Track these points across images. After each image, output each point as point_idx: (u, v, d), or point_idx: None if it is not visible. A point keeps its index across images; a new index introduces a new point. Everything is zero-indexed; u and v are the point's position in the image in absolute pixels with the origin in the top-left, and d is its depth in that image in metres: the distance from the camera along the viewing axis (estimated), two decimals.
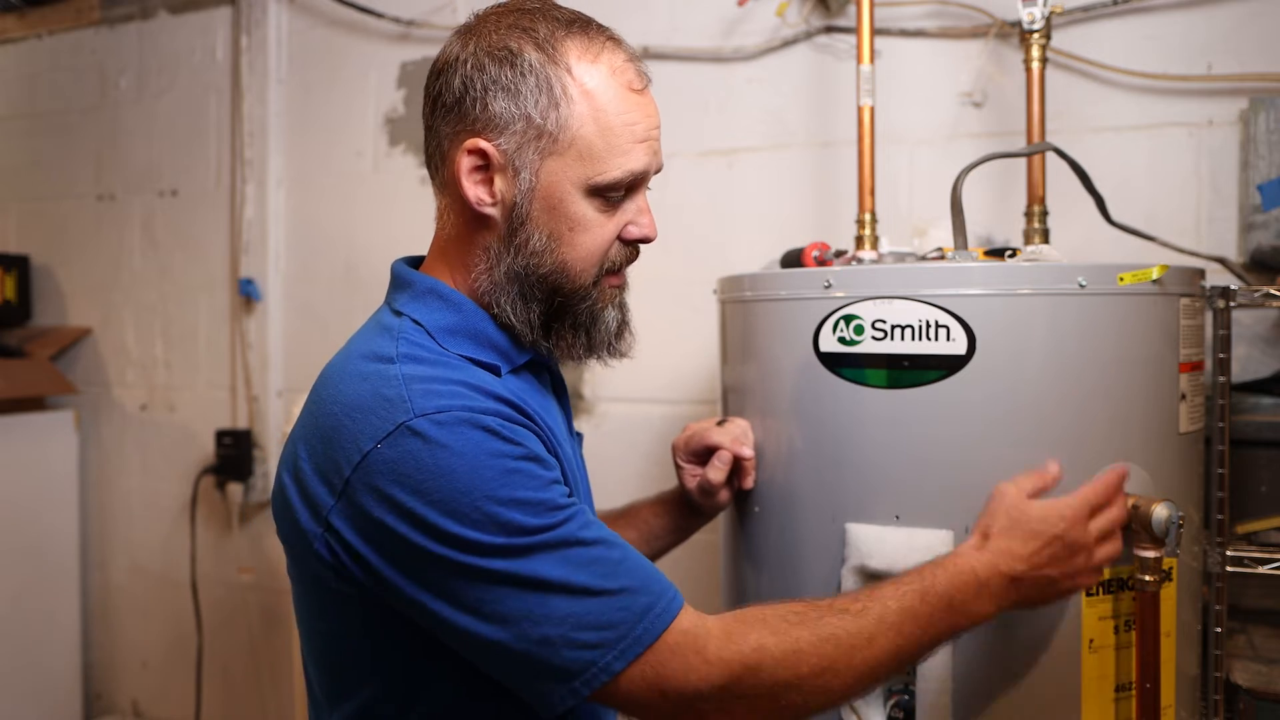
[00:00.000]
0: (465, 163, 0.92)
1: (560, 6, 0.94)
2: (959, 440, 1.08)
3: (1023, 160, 1.50)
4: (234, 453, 2.35)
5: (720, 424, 1.23)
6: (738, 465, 1.21)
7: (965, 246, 1.19)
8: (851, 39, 1.79)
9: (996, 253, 1.28)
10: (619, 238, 0.96)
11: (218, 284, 2.44)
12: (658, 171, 0.97)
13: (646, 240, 0.98)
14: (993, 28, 1.72)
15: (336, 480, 0.84)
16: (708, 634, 0.84)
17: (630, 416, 1.99)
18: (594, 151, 0.91)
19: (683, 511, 1.27)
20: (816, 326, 1.14)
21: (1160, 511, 1.03)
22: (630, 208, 0.96)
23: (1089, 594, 1.08)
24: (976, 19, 1.74)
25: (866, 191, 1.47)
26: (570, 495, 0.88)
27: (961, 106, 1.77)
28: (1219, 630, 1.26)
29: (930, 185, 1.78)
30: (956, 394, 1.08)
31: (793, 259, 1.43)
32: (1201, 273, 1.22)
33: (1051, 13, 1.41)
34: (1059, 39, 1.63)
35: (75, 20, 2.60)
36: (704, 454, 1.22)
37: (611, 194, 0.93)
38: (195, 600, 2.43)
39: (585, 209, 0.92)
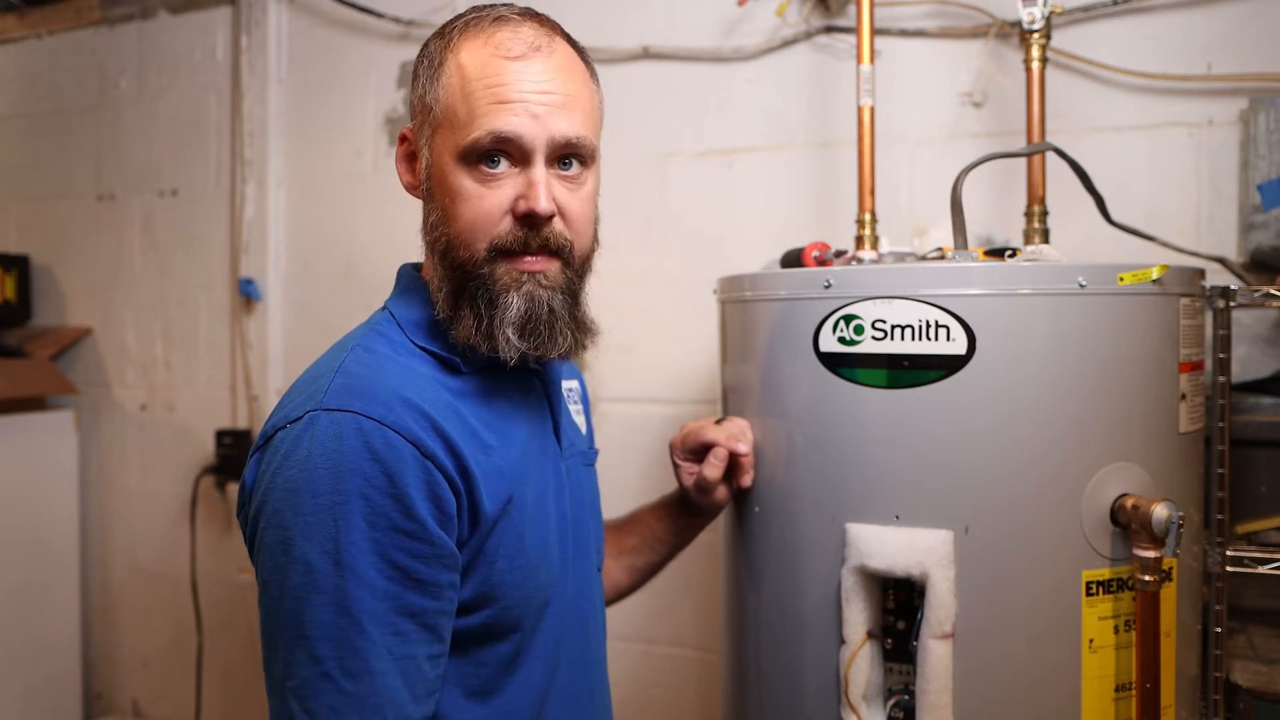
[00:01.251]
0: (399, 150, 1.01)
1: (508, 5, 0.98)
2: (959, 440, 1.08)
3: (1023, 160, 1.49)
4: (234, 453, 2.35)
5: (718, 422, 1.23)
6: (735, 463, 1.21)
7: (965, 246, 1.19)
8: (851, 39, 1.79)
9: (996, 253, 1.28)
10: (512, 213, 0.91)
11: (218, 284, 2.44)
12: (561, 146, 0.92)
13: (532, 214, 0.90)
14: (993, 28, 1.72)
15: (253, 453, 0.89)
16: None
17: (630, 416, 1.99)
18: (458, 117, 0.92)
19: (683, 513, 1.27)
20: (816, 326, 1.14)
21: (1160, 511, 1.03)
22: (519, 180, 0.91)
23: (1089, 594, 1.08)
24: (976, 19, 1.74)
25: (866, 191, 1.47)
26: (486, 551, 0.89)
27: (961, 106, 1.77)
28: (1219, 630, 1.26)
29: (930, 185, 1.78)
30: (956, 394, 1.08)
31: (793, 259, 1.43)
32: (1201, 273, 1.22)
33: (1051, 13, 1.41)
34: (1059, 39, 1.63)
35: (75, 20, 2.60)
36: (700, 451, 1.22)
37: (482, 160, 0.91)
38: (195, 600, 2.43)
39: (462, 179, 0.92)
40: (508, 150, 0.91)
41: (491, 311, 0.92)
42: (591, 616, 1.08)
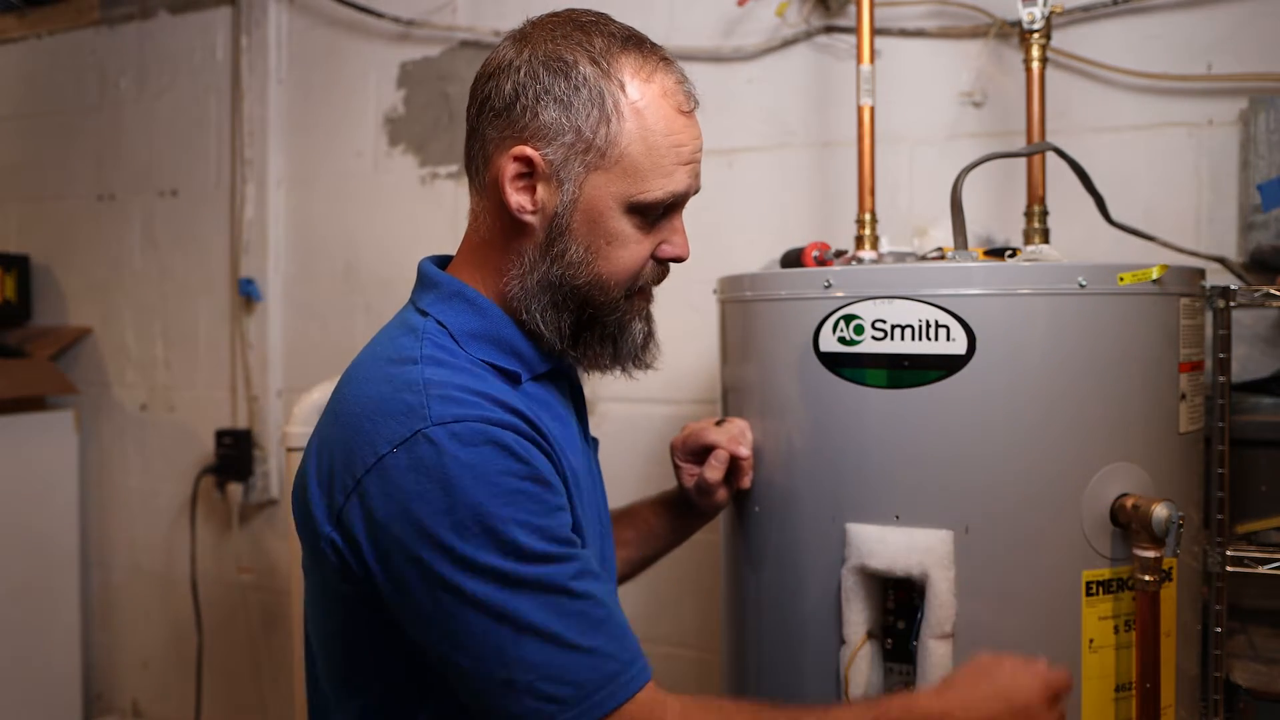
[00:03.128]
0: (510, 169, 0.92)
1: (614, 21, 0.96)
2: (959, 440, 1.08)
3: (1023, 160, 1.50)
4: (234, 453, 2.34)
5: (718, 424, 1.23)
6: (735, 465, 1.21)
7: (965, 246, 1.19)
8: (851, 39, 1.79)
9: (996, 253, 1.28)
10: (653, 256, 0.97)
11: (218, 284, 2.44)
12: (695, 193, 0.98)
13: (679, 260, 0.99)
14: (993, 27, 1.72)
15: (349, 480, 0.85)
16: (665, 711, 0.85)
17: (630, 416, 1.98)
18: (639, 170, 0.91)
19: (682, 511, 1.27)
20: (816, 326, 1.14)
21: (1160, 511, 1.03)
22: (666, 227, 0.97)
23: (1089, 594, 1.08)
24: (976, 19, 1.74)
25: (866, 191, 1.47)
26: (574, 527, 0.88)
27: (961, 106, 1.77)
28: (1219, 630, 1.26)
29: (930, 185, 1.78)
30: (956, 394, 1.08)
31: (793, 259, 1.43)
32: (1201, 273, 1.22)
33: (1051, 12, 1.41)
34: (1059, 39, 1.63)
35: (75, 20, 2.60)
36: (701, 453, 1.22)
37: (650, 213, 0.94)
38: (195, 600, 2.43)
39: (624, 225, 0.93)
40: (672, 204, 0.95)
41: (622, 340, 0.98)
42: None
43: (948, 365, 1.08)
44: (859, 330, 1.12)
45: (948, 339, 1.08)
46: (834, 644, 1.14)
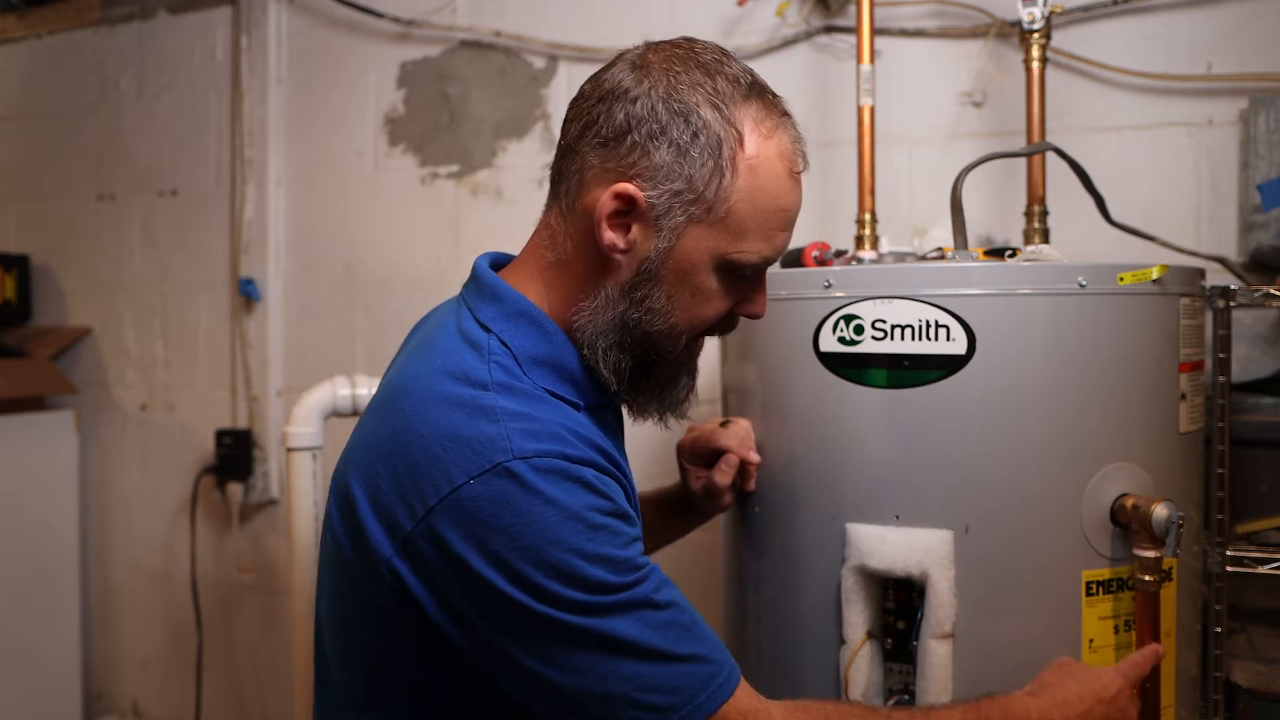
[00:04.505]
0: (610, 205, 0.87)
1: (734, 61, 0.90)
2: (959, 440, 1.08)
3: (1023, 160, 1.50)
4: (234, 453, 2.34)
5: (724, 424, 1.23)
6: (742, 468, 1.21)
7: (965, 246, 1.19)
8: (851, 39, 1.79)
9: (996, 253, 1.28)
10: (729, 311, 0.95)
11: (218, 284, 2.44)
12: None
13: (755, 318, 0.98)
14: (993, 27, 1.72)
15: (419, 506, 0.82)
16: (769, 714, 0.86)
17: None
18: (741, 229, 0.88)
19: (680, 510, 1.27)
20: (816, 326, 1.14)
21: (1160, 511, 1.03)
22: (749, 284, 0.95)
23: (1089, 594, 1.08)
24: (976, 19, 1.74)
25: (866, 191, 1.47)
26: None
27: (961, 106, 1.77)
28: (1219, 630, 1.26)
29: (930, 185, 1.78)
30: (956, 394, 1.08)
31: (793, 259, 1.43)
32: (1201, 273, 1.22)
33: (1051, 12, 1.41)
34: (1059, 39, 1.63)
35: (75, 20, 2.60)
36: (710, 456, 1.21)
37: (740, 272, 0.92)
38: (195, 600, 2.42)
39: (711, 281, 0.91)
40: None
41: (670, 391, 0.98)
42: None
43: (948, 365, 1.08)
44: (859, 330, 1.12)
45: (948, 339, 1.08)
46: (834, 644, 1.14)
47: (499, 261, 1.00)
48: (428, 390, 0.86)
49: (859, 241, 1.45)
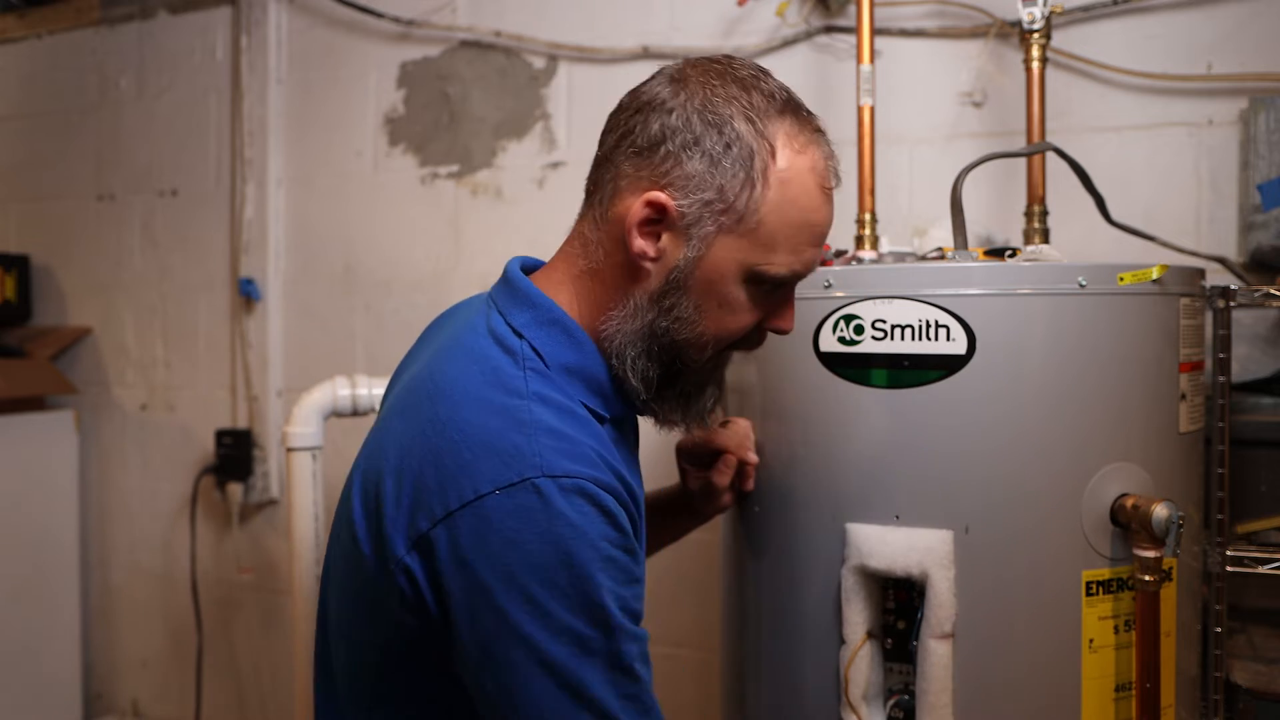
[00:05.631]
0: (641, 213, 0.88)
1: (771, 78, 0.92)
2: (959, 440, 1.08)
3: (1023, 160, 1.49)
4: (234, 453, 2.34)
5: (723, 424, 1.23)
6: (741, 469, 1.21)
7: (965, 246, 1.19)
8: (851, 39, 1.79)
9: (996, 253, 1.28)
10: (757, 325, 0.95)
11: (218, 284, 2.44)
12: (813, 271, 0.96)
13: (783, 333, 0.97)
14: (993, 27, 1.72)
15: (439, 509, 0.82)
16: None
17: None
18: (771, 241, 0.89)
19: (679, 511, 1.26)
20: (816, 326, 1.14)
21: (1160, 511, 1.03)
22: (777, 298, 0.95)
23: (1089, 594, 1.08)
24: (976, 19, 1.74)
25: (866, 191, 1.47)
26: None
27: (961, 106, 1.77)
28: (1219, 630, 1.26)
29: (930, 185, 1.78)
30: (956, 394, 1.08)
31: None
32: (1201, 273, 1.22)
33: (1051, 12, 1.41)
34: (1059, 39, 1.63)
35: (75, 20, 2.60)
36: (708, 457, 1.21)
37: (768, 284, 0.92)
38: (195, 600, 2.43)
39: (739, 292, 0.91)
40: None
41: (695, 401, 0.98)
42: None
43: (948, 365, 1.08)
44: (859, 330, 1.12)
45: (948, 339, 1.08)
46: (834, 644, 1.14)
47: (530, 266, 1.01)
48: (463, 393, 0.87)
49: (859, 241, 1.45)
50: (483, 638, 0.82)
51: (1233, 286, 1.26)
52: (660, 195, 0.87)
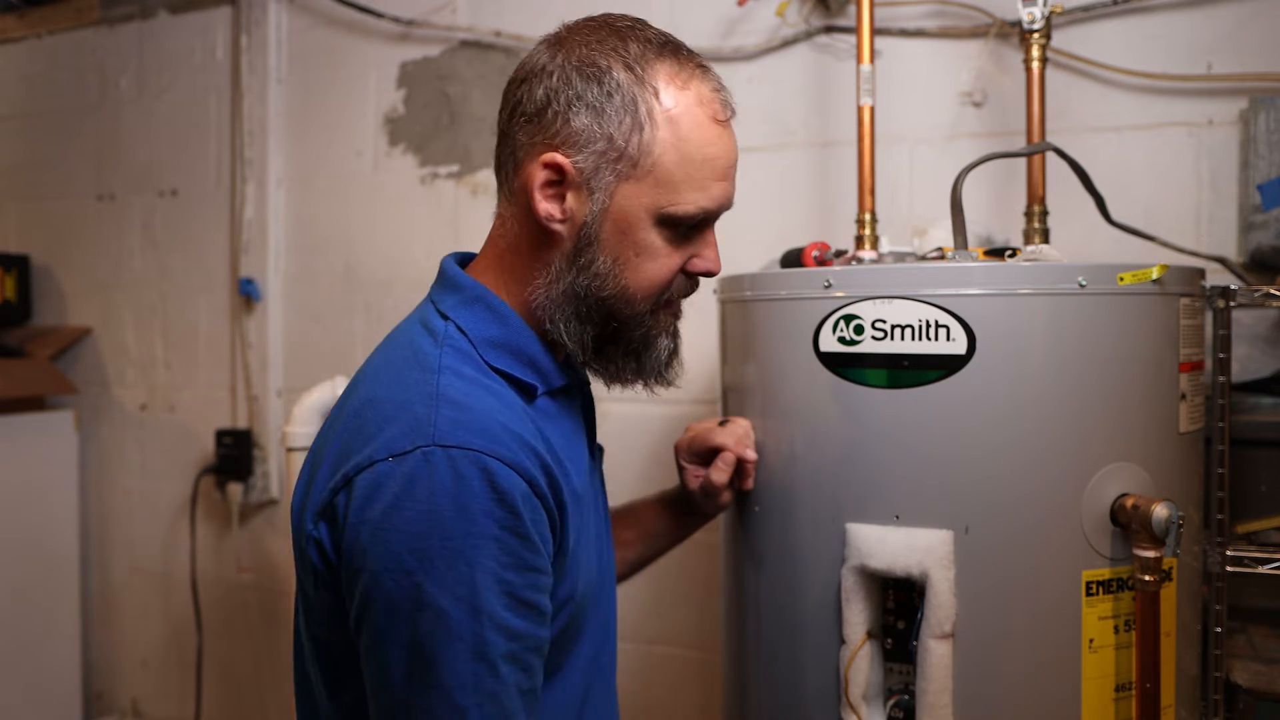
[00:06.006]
0: (539, 176, 0.90)
1: (650, 27, 0.93)
2: (959, 440, 1.08)
3: (1023, 160, 1.50)
4: (234, 453, 2.35)
5: (722, 424, 1.23)
6: (740, 467, 1.21)
7: (965, 246, 1.19)
8: (851, 39, 1.79)
9: (996, 253, 1.28)
10: (683, 269, 0.95)
11: (218, 284, 2.44)
12: (729, 207, 0.96)
13: (710, 274, 0.97)
14: (993, 27, 1.72)
15: (339, 479, 0.83)
16: None
17: (630, 416, 1.98)
18: (672, 181, 0.89)
19: (682, 511, 1.27)
20: (816, 326, 1.14)
21: (1160, 511, 1.03)
22: (698, 240, 0.95)
23: (1089, 594, 1.08)
24: (976, 19, 1.74)
25: (866, 191, 1.47)
26: (560, 548, 0.87)
27: (961, 106, 1.77)
28: (1219, 630, 1.26)
29: (930, 185, 1.78)
30: (956, 394, 1.08)
31: (793, 259, 1.43)
32: (1201, 273, 1.22)
33: (1051, 12, 1.41)
34: (1059, 39, 1.63)
35: (75, 20, 2.60)
36: (707, 455, 1.21)
37: (682, 226, 0.92)
38: (195, 600, 2.43)
39: (654, 237, 0.91)
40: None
41: (646, 355, 0.97)
42: (614, 619, 1.08)
43: (948, 365, 1.08)
44: (859, 330, 1.12)
45: (948, 339, 1.08)
46: (834, 644, 1.14)
47: (465, 259, 1.04)
48: (380, 373, 0.90)
49: (859, 241, 1.45)
50: (360, 602, 0.82)
51: (1233, 286, 1.25)
52: (555, 155, 0.89)
